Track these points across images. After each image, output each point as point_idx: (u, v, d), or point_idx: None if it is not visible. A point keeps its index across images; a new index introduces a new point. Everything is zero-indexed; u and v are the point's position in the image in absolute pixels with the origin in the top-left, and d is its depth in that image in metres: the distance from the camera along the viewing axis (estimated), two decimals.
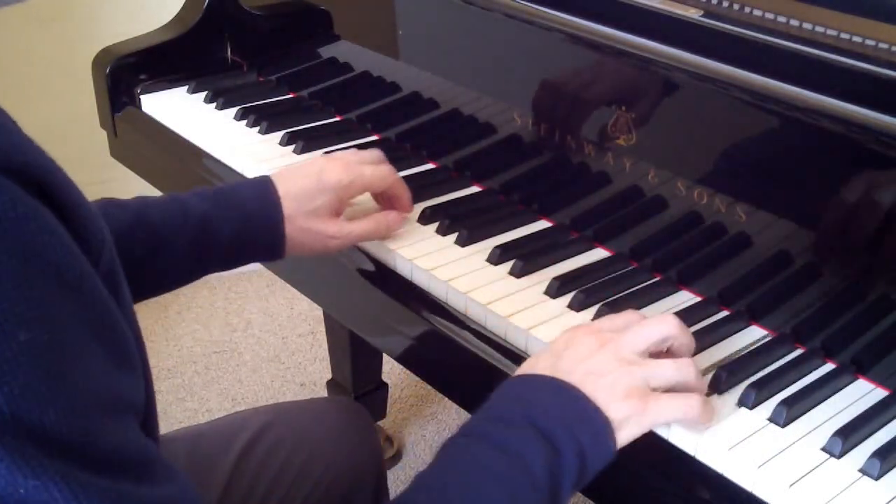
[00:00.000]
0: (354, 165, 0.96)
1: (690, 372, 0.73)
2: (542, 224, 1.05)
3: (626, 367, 0.71)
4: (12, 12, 1.98)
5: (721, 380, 0.80)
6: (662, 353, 0.76)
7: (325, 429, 0.98)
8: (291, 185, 0.93)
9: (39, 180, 0.47)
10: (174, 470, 0.52)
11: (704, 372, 0.82)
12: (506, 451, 0.66)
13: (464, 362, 0.91)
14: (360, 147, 1.20)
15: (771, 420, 0.77)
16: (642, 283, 0.94)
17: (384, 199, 1.02)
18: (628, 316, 0.77)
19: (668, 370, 0.72)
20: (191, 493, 0.52)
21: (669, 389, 0.73)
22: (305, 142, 1.20)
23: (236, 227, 0.90)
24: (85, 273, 0.48)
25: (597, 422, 0.68)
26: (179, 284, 0.92)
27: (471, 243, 1.00)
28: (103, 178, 2.08)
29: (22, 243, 0.44)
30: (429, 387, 1.50)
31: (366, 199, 1.02)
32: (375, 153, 1.01)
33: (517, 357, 0.87)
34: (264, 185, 0.93)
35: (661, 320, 0.75)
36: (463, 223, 1.02)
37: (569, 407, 0.69)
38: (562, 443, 0.66)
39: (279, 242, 0.92)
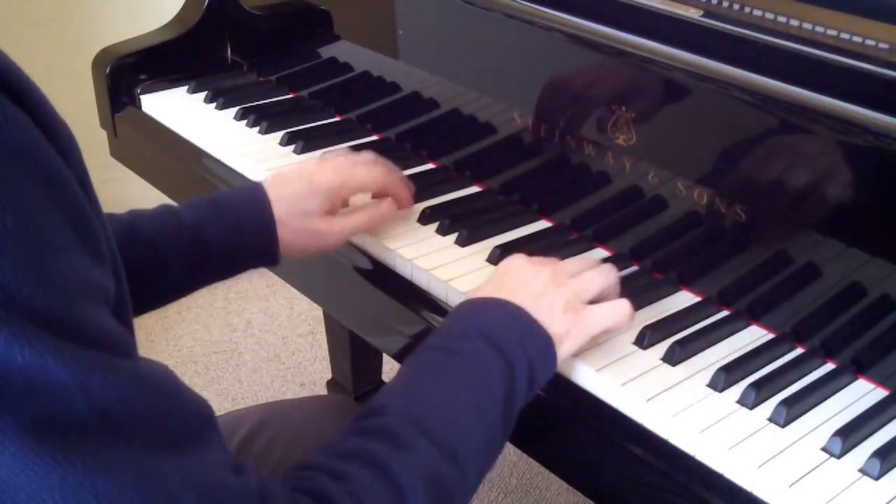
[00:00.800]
0: (346, 167, 0.97)
1: (613, 274, 0.84)
2: (542, 224, 1.05)
3: (562, 286, 0.79)
4: (13, 13, 1.98)
5: (721, 380, 0.80)
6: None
7: (319, 427, 0.98)
8: (282, 189, 0.93)
9: (10, 84, 0.50)
10: (147, 358, 0.55)
11: (704, 373, 0.82)
12: (465, 361, 0.73)
13: None
14: (360, 147, 1.21)
15: (771, 420, 0.77)
16: (643, 283, 0.94)
17: (383, 198, 1.01)
18: (552, 255, 0.86)
19: (596, 277, 0.83)
20: (172, 374, 0.55)
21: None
22: (305, 142, 1.20)
23: (230, 235, 0.90)
24: (59, 168, 0.51)
25: (542, 337, 0.76)
26: (178, 296, 0.93)
27: (471, 243, 1.00)
28: (103, 178, 2.07)
29: (2, 139, 0.47)
30: None
31: (365, 198, 1.02)
32: (369, 154, 1.01)
33: None
34: (255, 192, 0.93)
35: (581, 257, 0.86)
36: (463, 223, 1.02)
37: (517, 324, 0.76)
38: (514, 356, 0.73)
39: (273, 247, 0.92)
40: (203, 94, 1.34)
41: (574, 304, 0.79)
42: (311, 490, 0.61)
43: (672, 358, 0.83)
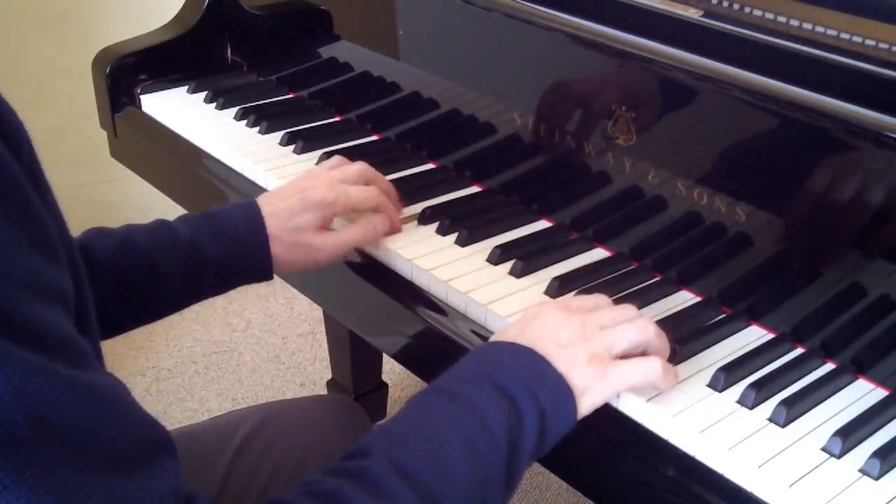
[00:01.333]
0: (338, 184, 0.96)
1: (650, 330, 0.76)
2: (542, 224, 1.05)
3: (590, 338, 0.74)
4: (13, 13, 1.98)
5: (721, 380, 0.80)
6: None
7: (319, 426, 0.98)
8: (275, 205, 0.93)
9: None
10: (106, 372, 0.51)
11: (704, 373, 0.82)
12: (466, 406, 0.68)
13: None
14: (360, 147, 1.21)
15: (771, 420, 0.77)
16: (642, 283, 0.94)
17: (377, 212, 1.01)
18: (598, 298, 0.81)
19: (629, 332, 0.76)
20: (124, 390, 0.51)
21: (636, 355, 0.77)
22: (305, 142, 1.20)
23: (225, 250, 0.90)
24: (2, 157, 0.47)
25: (559, 387, 0.71)
26: (173, 310, 0.92)
27: (471, 243, 1.00)
28: (103, 178, 2.08)
29: None
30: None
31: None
32: (360, 170, 1.00)
33: None
34: (249, 207, 0.93)
35: (627, 307, 0.80)
36: (463, 223, 1.02)
37: (531, 370, 0.71)
38: (522, 403, 0.68)
39: (266, 263, 0.93)
40: (203, 94, 1.34)
41: (601, 357, 0.74)
42: None
43: (672, 358, 0.83)
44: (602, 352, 0.74)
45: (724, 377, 0.80)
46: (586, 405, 0.73)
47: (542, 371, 0.71)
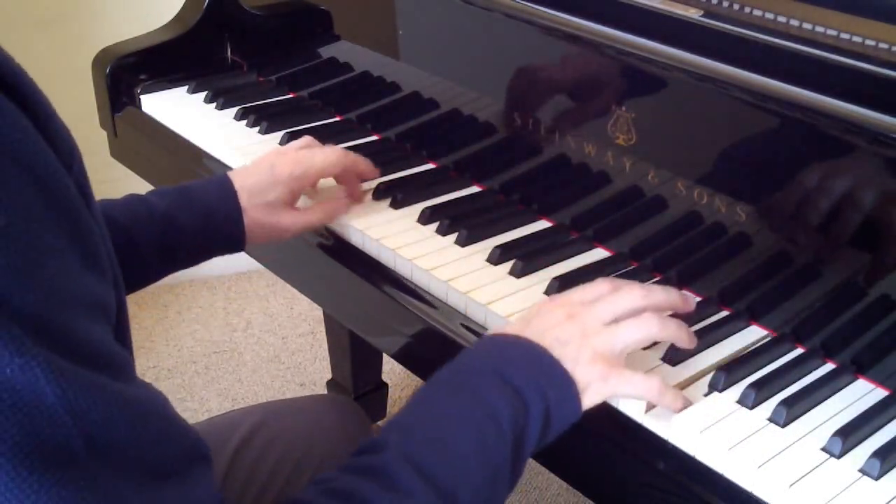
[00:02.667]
0: (304, 157, 1.01)
1: (652, 325, 0.76)
2: (542, 224, 1.05)
3: (593, 335, 0.74)
4: (13, 13, 1.98)
5: (721, 380, 0.80)
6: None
7: (318, 426, 0.98)
8: (246, 180, 0.97)
9: (11, 82, 0.48)
10: (146, 383, 0.53)
11: (704, 373, 0.82)
12: (475, 399, 0.69)
13: None
14: (360, 147, 1.21)
15: (771, 420, 0.77)
16: (642, 283, 0.94)
17: (345, 177, 1.06)
18: (599, 287, 0.79)
19: (631, 331, 0.75)
20: (164, 400, 0.52)
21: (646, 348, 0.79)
22: None
23: (200, 223, 0.94)
24: (57, 173, 0.48)
25: (563, 381, 0.71)
26: (148, 282, 0.95)
27: (471, 243, 1.00)
28: (103, 178, 2.07)
29: None
30: None
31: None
32: (328, 149, 1.05)
33: None
34: (223, 182, 0.97)
35: (629, 292, 0.78)
36: (463, 223, 1.02)
37: (536, 365, 0.71)
38: (528, 396, 0.69)
39: (240, 235, 0.96)
40: (203, 94, 1.34)
41: (604, 355, 0.74)
42: None
43: (672, 358, 0.83)
44: (604, 350, 0.74)
45: (724, 377, 0.80)
46: (587, 401, 0.74)
47: (547, 366, 0.72)
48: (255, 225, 0.97)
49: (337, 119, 1.30)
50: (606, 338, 0.75)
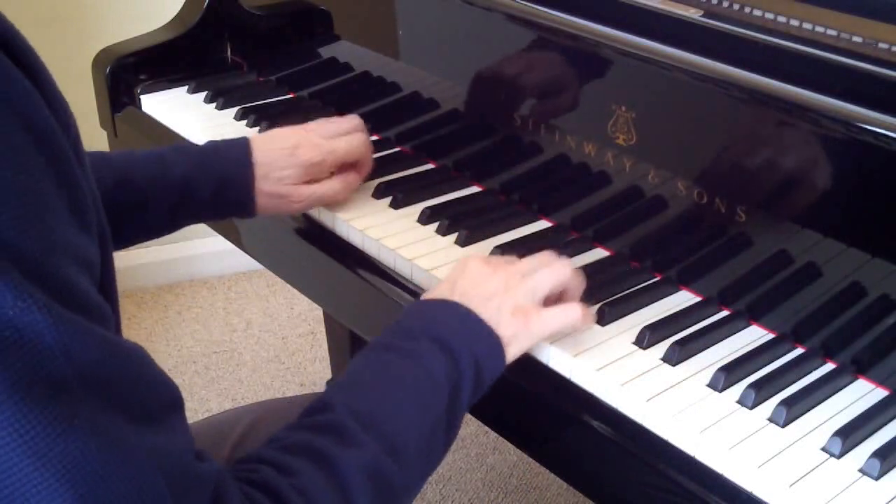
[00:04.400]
0: (327, 144, 1.02)
1: (566, 271, 0.84)
2: (542, 224, 1.05)
3: (513, 288, 0.80)
4: (13, 13, 1.98)
5: (721, 380, 0.80)
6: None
7: None
8: (266, 153, 0.99)
9: (8, 42, 0.51)
10: (122, 337, 0.55)
11: (704, 372, 0.82)
12: (411, 359, 0.74)
13: None
14: None
15: (771, 420, 0.77)
16: (642, 283, 0.94)
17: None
18: (516, 258, 0.87)
19: (547, 277, 0.83)
20: (145, 352, 0.55)
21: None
22: None
23: (214, 188, 0.97)
24: (54, 130, 0.51)
25: (490, 338, 0.77)
26: (154, 237, 0.99)
27: (471, 243, 1.00)
28: None
29: None
30: None
31: None
32: (351, 122, 1.07)
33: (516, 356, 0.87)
34: (242, 149, 0.99)
35: (545, 253, 0.86)
36: (463, 223, 1.02)
37: (464, 324, 0.77)
38: (461, 355, 0.75)
39: (250, 203, 0.99)
40: (203, 94, 1.34)
41: (524, 306, 0.80)
42: (257, 482, 0.62)
43: (672, 358, 0.83)
44: (525, 301, 0.80)
45: (724, 377, 0.80)
46: (513, 352, 0.79)
47: (473, 324, 0.77)
48: (265, 197, 0.99)
49: None
50: (525, 287, 0.81)
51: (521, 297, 0.80)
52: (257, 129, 1.25)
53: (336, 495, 0.64)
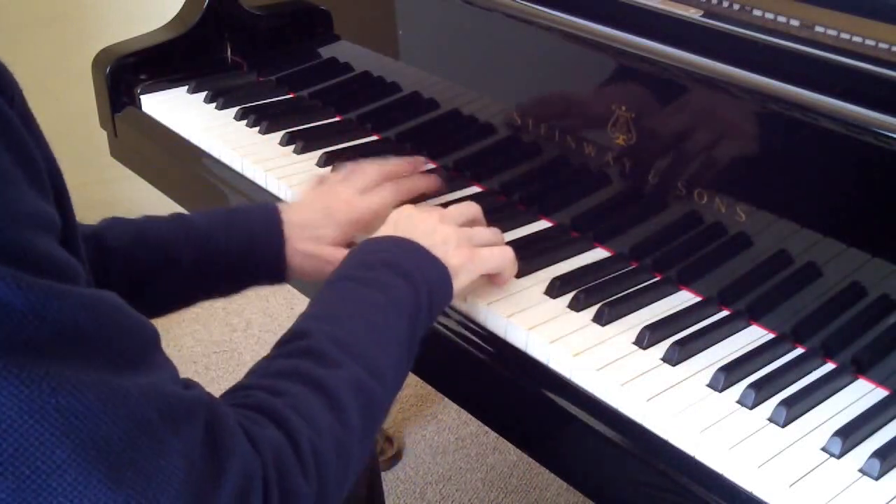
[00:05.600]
0: (360, 200, 0.97)
1: (500, 236, 0.92)
2: (542, 224, 1.05)
3: (452, 227, 0.86)
4: (13, 12, 1.98)
5: (721, 380, 0.80)
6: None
7: None
8: (297, 215, 0.94)
9: None
10: (93, 289, 0.57)
11: (704, 372, 0.82)
12: (372, 286, 0.77)
13: (463, 362, 0.91)
14: (360, 147, 1.21)
15: (771, 420, 0.77)
16: (642, 283, 0.94)
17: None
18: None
19: (486, 231, 0.90)
20: (117, 298, 0.57)
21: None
22: (305, 142, 1.20)
23: (239, 250, 0.91)
24: (2, 104, 0.52)
25: (439, 267, 0.82)
26: (183, 305, 0.93)
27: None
28: (103, 178, 2.08)
29: None
30: (429, 387, 1.52)
31: None
32: (378, 172, 1.01)
33: (516, 355, 0.87)
34: (270, 211, 0.94)
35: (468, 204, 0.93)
36: None
37: (415, 255, 0.81)
38: (416, 282, 0.78)
39: (280, 264, 0.93)
40: (203, 94, 1.34)
41: (466, 243, 0.85)
42: (252, 405, 0.64)
43: (672, 358, 0.83)
44: (464, 239, 0.86)
45: (724, 377, 0.80)
46: (461, 282, 0.84)
47: (422, 254, 0.81)
48: (301, 259, 0.93)
49: (337, 119, 1.30)
50: (463, 231, 0.87)
51: (461, 234, 0.86)
52: (257, 129, 1.25)
53: (329, 411, 0.66)
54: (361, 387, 0.70)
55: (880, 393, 0.81)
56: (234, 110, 1.30)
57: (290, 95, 1.37)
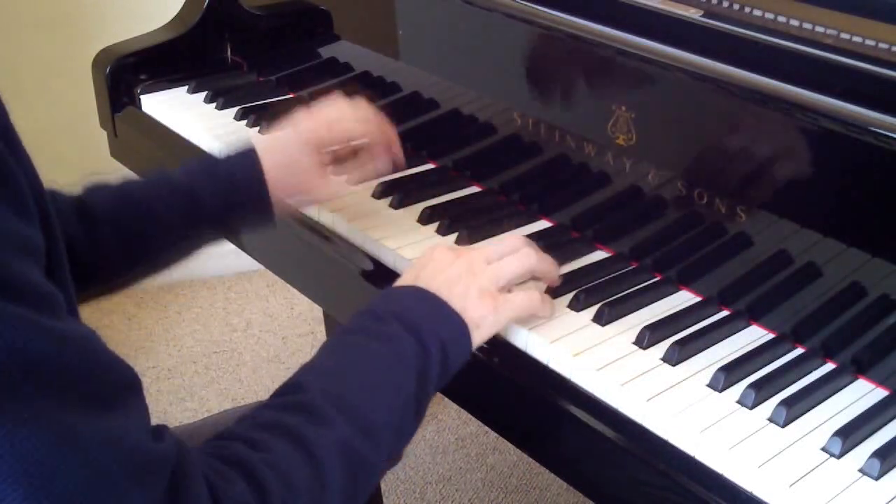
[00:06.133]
0: (328, 114, 1.00)
1: (531, 257, 0.86)
2: (542, 224, 1.05)
3: (479, 273, 0.82)
4: (13, 14, 1.98)
5: (721, 380, 0.80)
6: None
7: None
8: (275, 154, 0.95)
9: None
10: (79, 321, 0.56)
11: (704, 372, 0.82)
12: (380, 342, 0.75)
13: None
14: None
15: (771, 420, 0.77)
16: (642, 283, 0.94)
17: (375, 149, 1.04)
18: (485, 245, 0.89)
19: (512, 263, 0.84)
20: (97, 336, 0.55)
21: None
22: None
23: (224, 198, 0.92)
24: None
25: (455, 321, 0.79)
26: (176, 260, 0.95)
27: (471, 243, 1.00)
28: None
29: None
30: None
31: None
32: (361, 107, 1.03)
33: (516, 355, 0.87)
34: (249, 156, 0.94)
35: (511, 239, 0.88)
36: (463, 223, 1.02)
37: (430, 308, 0.79)
38: (427, 338, 0.76)
39: (267, 210, 0.94)
40: (203, 94, 1.34)
41: (490, 291, 0.82)
42: (228, 458, 0.62)
43: (672, 358, 0.83)
44: (490, 286, 0.82)
45: (724, 377, 0.80)
46: (480, 336, 0.81)
47: (439, 308, 0.79)
48: (283, 196, 0.95)
49: None
50: (491, 273, 0.83)
51: (485, 282, 0.82)
52: (257, 128, 1.25)
53: (309, 471, 0.64)
54: (351, 447, 0.68)
55: (880, 393, 0.81)
56: (234, 110, 1.30)
57: (290, 95, 1.37)
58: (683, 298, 0.93)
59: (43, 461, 0.49)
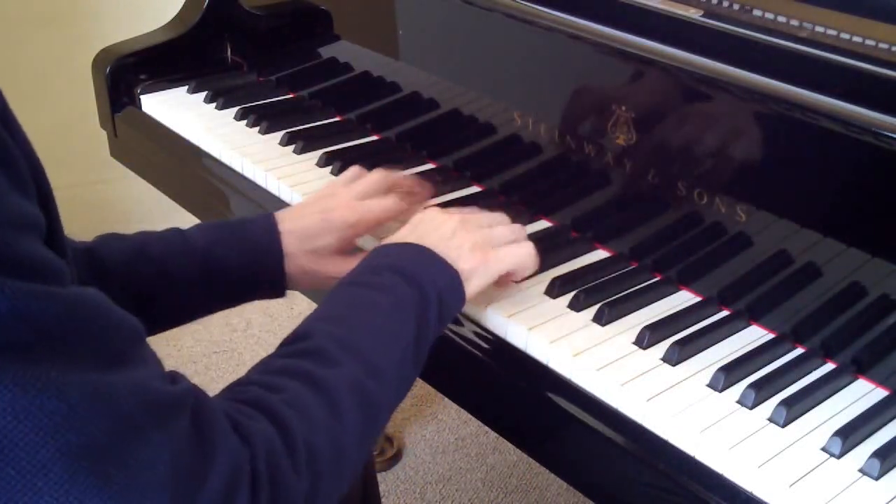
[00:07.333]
0: (360, 204, 0.94)
1: (523, 232, 0.91)
2: (542, 224, 1.05)
3: (470, 231, 0.85)
4: (13, 13, 1.98)
5: (721, 380, 0.80)
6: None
7: None
8: (296, 224, 0.92)
9: None
10: (78, 286, 0.56)
11: (704, 372, 0.82)
12: (380, 290, 0.77)
13: (463, 362, 0.91)
14: (360, 147, 1.21)
15: (771, 420, 0.77)
16: (642, 283, 0.94)
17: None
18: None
19: (505, 231, 0.89)
20: (102, 296, 0.56)
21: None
22: (305, 142, 1.20)
23: (239, 266, 0.89)
24: None
25: (449, 272, 0.81)
26: (188, 319, 0.92)
27: None
28: (103, 178, 2.08)
29: None
30: (429, 387, 1.52)
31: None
32: (379, 180, 0.98)
33: (516, 355, 0.87)
34: (267, 221, 0.92)
35: (502, 215, 0.92)
36: None
37: (426, 260, 0.81)
38: (425, 287, 0.78)
39: (280, 282, 0.92)
40: (203, 94, 1.34)
41: (482, 245, 0.85)
42: (247, 400, 0.64)
43: (672, 358, 0.83)
44: (482, 241, 0.85)
45: (724, 377, 0.80)
46: (473, 287, 0.83)
47: (433, 260, 0.81)
48: (299, 272, 0.92)
49: (337, 119, 1.30)
50: (483, 233, 0.86)
51: (478, 238, 0.85)
52: (257, 129, 1.25)
53: (326, 409, 0.66)
54: (360, 386, 0.70)
55: (880, 393, 0.81)
56: (234, 110, 1.30)
57: (290, 95, 1.37)
58: (683, 298, 0.93)
59: (70, 417, 0.50)
